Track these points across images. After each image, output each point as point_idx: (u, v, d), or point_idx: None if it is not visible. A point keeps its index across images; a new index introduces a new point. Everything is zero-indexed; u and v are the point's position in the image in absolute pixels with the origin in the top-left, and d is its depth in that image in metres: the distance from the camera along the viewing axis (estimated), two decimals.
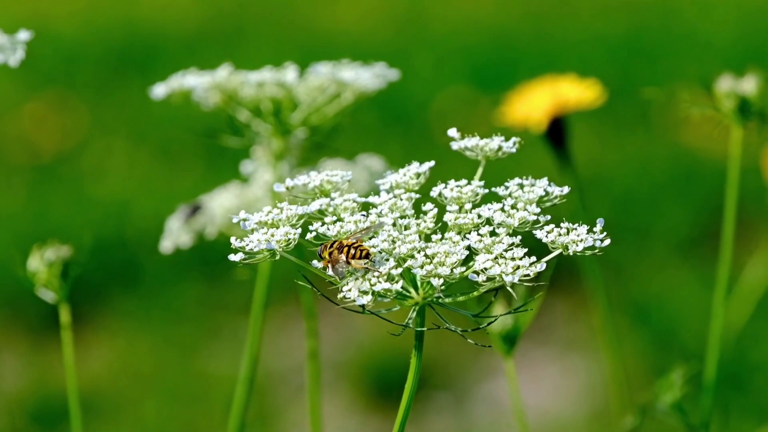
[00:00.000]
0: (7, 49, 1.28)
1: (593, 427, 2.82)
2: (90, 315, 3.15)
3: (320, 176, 1.06)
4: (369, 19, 4.64)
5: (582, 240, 0.98)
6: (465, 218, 1.02)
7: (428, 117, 3.91)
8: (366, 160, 1.64)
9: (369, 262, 0.97)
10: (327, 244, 0.99)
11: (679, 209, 3.44)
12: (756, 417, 2.71)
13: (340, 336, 3.06)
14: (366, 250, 0.98)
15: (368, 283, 0.96)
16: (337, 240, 1.00)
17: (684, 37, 4.39)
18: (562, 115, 1.75)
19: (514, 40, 4.45)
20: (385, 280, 0.96)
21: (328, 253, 0.98)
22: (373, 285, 0.96)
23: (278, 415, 2.90)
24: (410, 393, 1.00)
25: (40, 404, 2.91)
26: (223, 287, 3.22)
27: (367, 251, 0.98)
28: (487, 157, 1.08)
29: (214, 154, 3.67)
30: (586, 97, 1.75)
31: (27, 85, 4.19)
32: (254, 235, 1.00)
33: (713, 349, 1.56)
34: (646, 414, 1.55)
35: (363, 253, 0.97)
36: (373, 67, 1.58)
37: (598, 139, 3.70)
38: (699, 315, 2.98)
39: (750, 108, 1.52)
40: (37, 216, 3.52)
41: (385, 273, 0.97)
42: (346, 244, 0.98)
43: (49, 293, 1.41)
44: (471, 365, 3.00)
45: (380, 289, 0.96)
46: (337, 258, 0.97)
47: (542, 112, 1.74)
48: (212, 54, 4.23)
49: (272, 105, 1.54)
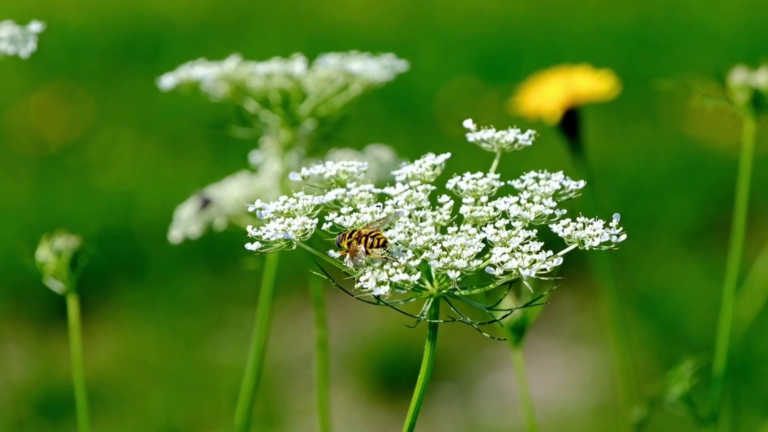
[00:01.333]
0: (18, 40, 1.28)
1: (600, 419, 2.82)
2: (96, 305, 3.15)
3: (336, 166, 1.05)
4: (375, 8, 4.63)
5: (598, 235, 0.98)
6: (481, 211, 1.01)
7: (434, 108, 3.91)
8: (375, 151, 1.64)
9: (386, 252, 0.97)
10: (345, 234, 0.99)
11: (685, 200, 3.44)
12: (763, 409, 2.70)
13: (347, 327, 3.06)
14: (384, 239, 0.97)
15: (386, 273, 0.96)
16: (355, 230, 0.99)
17: (690, 27, 4.39)
18: (576, 107, 1.75)
19: (520, 31, 4.44)
20: (402, 272, 0.96)
21: (347, 243, 0.98)
22: (391, 276, 0.96)
23: (285, 406, 2.90)
24: (424, 383, 1.00)
25: (46, 395, 2.91)
26: (230, 278, 3.22)
27: (385, 240, 0.97)
28: (503, 149, 1.08)
29: (220, 144, 3.67)
30: (600, 88, 1.75)
31: (33, 76, 4.18)
32: (271, 224, 1.00)
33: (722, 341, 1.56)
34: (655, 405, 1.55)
35: (381, 241, 0.97)
36: (381, 59, 1.57)
37: (604, 131, 3.69)
38: (705, 306, 2.98)
39: (763, 101, 1.52)
40: (43, 207, 3.52)
41: (403, 264, 0.97)
42: (365, 234, 0.98)
43: (57, 283, 1.41)
44: (477, 356, 3.00)
45: (398, 281, 0.95)
46: (356, 248, 0.97)
47: (556, 103, 1.74)
48: (218, 44, 4.22)
49: (281, 96, 1.53)
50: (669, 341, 2.99)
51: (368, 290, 0.96)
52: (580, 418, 2.83)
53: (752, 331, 2.73)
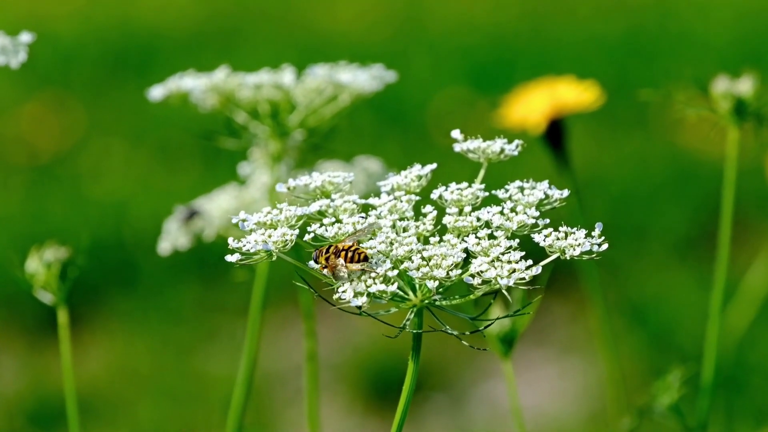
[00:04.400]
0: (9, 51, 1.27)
1: (590, 429, 2.82)
2: (87, 316, 3.15)
3: (322, 177, 1.05)
4: (367, 18, 4.64)
5: (579, 244, 0.98)
6: (464, 221, 1.01)
7: (426, 118, 3.91)
8: (363, 162, 1.64)
9: (366, 264, 0.97)
10: (322, 249, 0.99)
11: (676, 210, 3.44)
12: (754, 419, 2.71)
13: (338, 337, 3.06)
14: (363, 253, 0.97)
15: (364, 284, 0.96)
16: (333, 244, 0.99)
17: (681, 37, 4.39)
18: (561, 117, 1.75)
19: (512, 40, 4.45)
20: (381, 282, 0.96)
21: (325, 259, 0.98)
22: (369, 286, 0.96)
23: (276, 416, 2.90)
24: (408, 395, 1.00)
25: (37, 405, 2.91)
26: (221, 289, 3.21)
27: (365, 255, 0.97)
28: (489, 159, 1.08)
29: (211, 155, 3.67)
30: (585, 98, 1.75)
31: (25, 86, 4.18)
32: (252, 235, 1.00)
33: (710, 351, 1.56)
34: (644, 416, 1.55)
35: (361, 256, 0.97)
36: (371, 69, 1.57)
37: (594, 140, 3.70)
38: (696, 316, 2.98)
39: (746, 109, 1.52)
40: (34, 216, 3.51)
41: (381, 275, 0.97)
42: (343, 248, 0.98)
43: (47, 294, 1.41)
44: (469, 367, 3.00)
45: (375, 291, 0.95)
46: (335, 263, 0.97)
47: (540, 114, 1.74)
48: (210, 54, 4.23)
49: (270, 107, 1.53)
50: (660, 351, 3.00)
51: (346, 301, 0.96)
52: (572, 428, 2.83)
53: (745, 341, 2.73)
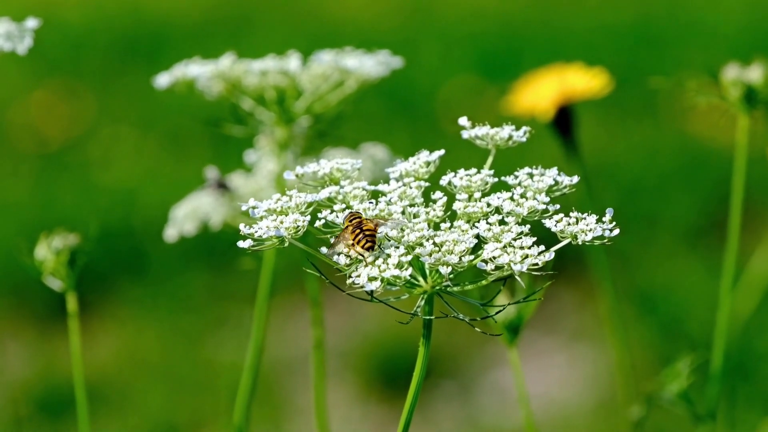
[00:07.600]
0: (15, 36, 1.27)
1: (600, 416, 2.82)
2: (96, 303, 3.16)
3: (330, 164, 1.05)
4: (376, 6, 4.63)
5: (591, 230, 0.98)
6: (474, 207, 1.01)
7: (435, 106, 3.91)
8: (370, 149, 1.63)
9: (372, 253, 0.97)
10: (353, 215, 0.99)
11: (686, 198, 3.44)
12: (762, 406, 2.70)
13: (346, 325, 3.06)
14: (371, 243, 0.97)
15: (377, 269, 0.96)
16: (361, 218, 0.99)
17: (691, 25, 4.38)
18: (569, 104, 1.75)
19: (521, 28, 4.44)
20: (394, 267, 0.96)
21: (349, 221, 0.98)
22: (383, 271, 0.96)
23: (284, 404, 2.90)
24: (418, 381, 1.00)
25: (46, 392, 2.91)
26: (230, 276, 3.22)
27: (372, 245, 0.97)
28: (497, 146, 1.07)
29: (220, 142, 3.67)
30: (593, 86, 1.75)
31: (34, 73, 4.19)
32: (263, 222, 1.00)
33: (720, 339, 1.55)
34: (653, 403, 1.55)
35: (368, 245, 0.97)
36: (377, 55, 1.57)
37: (604, 128, 3.69)
38: (705, 304, 2.98)
39: (756, 96, 1.52)
40: (43, 204, 3.52)
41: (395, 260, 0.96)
42: (366, 228, 0.97)
43: (56, 282, 1.41)
44: (477, 354, 3.00)
45: (389, 276, 0.95)
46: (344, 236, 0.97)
47: (549, 101, 1.74)
48: (219, 42, 4.22)
49: (276, 93, 1.53)
50: (670, 339, 2.99)
51: (359, 286, 0.95)
52: (580, 416, 2.83)
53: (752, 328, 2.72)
